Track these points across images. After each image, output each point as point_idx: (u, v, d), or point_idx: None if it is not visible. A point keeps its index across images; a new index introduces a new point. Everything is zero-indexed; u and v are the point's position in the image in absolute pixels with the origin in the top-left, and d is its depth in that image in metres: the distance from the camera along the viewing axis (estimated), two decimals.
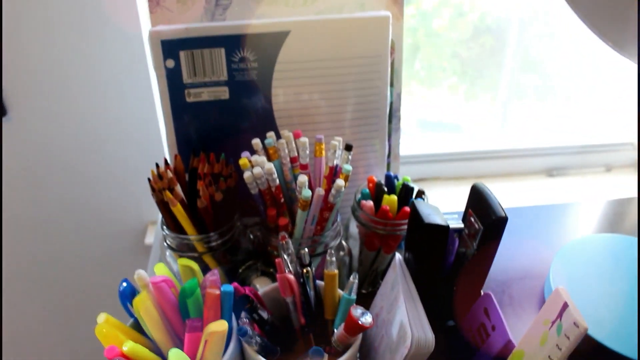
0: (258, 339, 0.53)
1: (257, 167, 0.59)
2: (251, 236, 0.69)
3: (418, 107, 1.39)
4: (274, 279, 0.66)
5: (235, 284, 0.55)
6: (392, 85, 0.75)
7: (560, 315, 0.46)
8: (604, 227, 1.00)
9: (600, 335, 0.68)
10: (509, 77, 1.31)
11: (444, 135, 1.42)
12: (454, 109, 1.40)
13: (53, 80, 1.02)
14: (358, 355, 0.61)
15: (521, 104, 1.38)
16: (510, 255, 0.85)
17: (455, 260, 0.62)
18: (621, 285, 0.81)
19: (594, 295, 0.78)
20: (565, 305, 0.46)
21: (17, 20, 0.95)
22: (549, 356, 0.47)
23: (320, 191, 0.58)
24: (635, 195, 1.08)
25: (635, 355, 0.70)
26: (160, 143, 1.11)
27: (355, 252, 0.71)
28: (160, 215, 0.64)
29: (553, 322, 0.47)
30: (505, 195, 1.28)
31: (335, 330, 0.56)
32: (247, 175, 0.59)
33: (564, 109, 1.41)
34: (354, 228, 0.70)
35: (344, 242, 0.68)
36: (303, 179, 0.58)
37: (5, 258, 1.22)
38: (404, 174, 0.73)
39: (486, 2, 1.26)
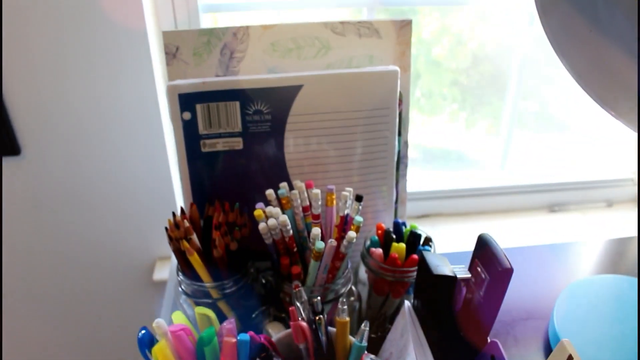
0: None
1: (271, 218, 0.61)
2: (263, 281, 0.71)
3: (419, 134, 1.43)
4: (286, 324, 0.68)
5: (251, 332, 0.57)
6: (399, 134, 0.77)
7: None
8: (605, 266, 1.02)
9: None
10: (511, 107, 1.34)
11: (447, 170, 1.44)
12: (454, 136, 1.43)
13: (67, 123, 1.05)
14: None
15: (522, 134, 1.41)
16: (513, 295, 0.87)
17: (463, 307, 0.64)
18: (623, 327, 0.83)
19: (597, 336, 0.80)
20: (570, 358, 0.48)
21: (32, 62, 0.98)
22: None
23: (333, 242, 0.61)
24: (636, 234, 1.10)
25: None
26: (169, 181, 1.14)
27: (364, 296, 0.73)
28: (171, 254, 0.66)
29: None
30: (507, 231, 1.30)
31: None
32: (262, 226, 0.61)
33: (565, 144, 1.43)
34: (363, 273, 0.72)
35: (353, 288, 0.70)
36: (317, 231, 0.61)
37: (13, 292, 1.24)
38: (408, 210, 0.75)
39: (485, 31, 1.30)
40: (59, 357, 1.37)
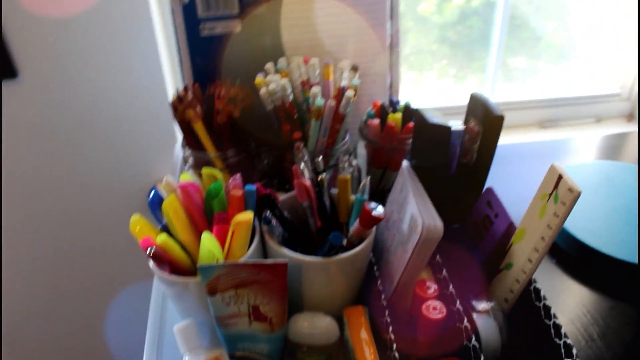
0: (280, 229, 0.58)
1: (272, 82, 0.63)
2: (265, 160, 0.74)
3: (408, 92, 1.43)
4: None
5: (258, 184, 0.59)
6: (391, 18, 0.79)
7: (556, 186, 0.51)
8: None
9: (596, 243, 0.74)
10: (494, 60, 1.35)
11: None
12: (444, 92, 1.44)
13: (62, 44, 1.06)
14: (372, 257, 0.66)
15: (510, 81, 1.42)
16: (509, 184, 0.90)
17: (457, 171, 0.67)
18: (613, 203, 0.87)
19: (590, 210, 0.84)
20: (559, 177, 0.51)
21: None
22: (547, 225, 0.52)
23: (332, 102, 0.63)
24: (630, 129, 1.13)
25: (627, 258, 0.75)
26: (166, 104, 1.14)
27: (364, 172, 0.76)
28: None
29: (550, 195, 0.52)
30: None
31: (350, 230, 0.60)
32: (262, 91, 0.64)
33: (554, 64, 1.45)
34: (361, 149, 0.75)
35: (353, 160, 0.72)
36: (316, 89, 0.63)
37: (13, 216, 1.26)
38: None
39: None
40: (61, 277, 1.39)
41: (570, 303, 0.76)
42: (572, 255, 0.82)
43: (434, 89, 1.44)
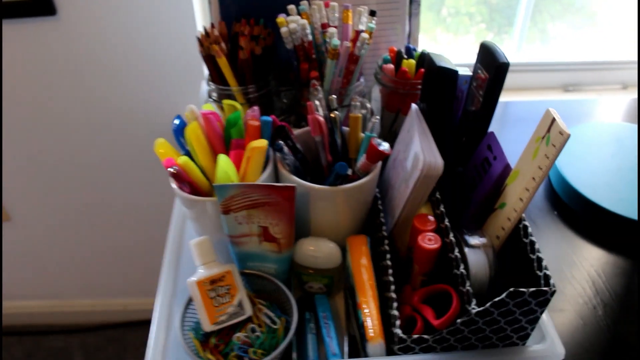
0: (292, 158, 0.63)
1: (292, 23, 0.67)
2: (284, 99, 0.78)
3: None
4: None
5: (273, 116, 0.64)
6: None
7: (549, 129, 0.54)
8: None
9: (602, 200, 0.78)
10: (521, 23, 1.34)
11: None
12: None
13: None
14: (377, 192, 0.70)
15: (538, 43, 1.40)
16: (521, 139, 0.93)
17: (462, 118, 0.70)
18: (619, 162, 0.89)
19: (594, 168, 0.87)
20: (553, 120, 0.54)
21: None
22: (538, 166, 0.55)
23: (348, 43, 0.67)
24: None
25: (629, 214, 0.79)
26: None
27: (377, 114, 0.80)
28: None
29: (543, 137, 0.55)
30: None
31: (357, 163, 0.65)
32: (283, 30, 0.68)
33: (583, 28, 1.45)
34: (376, 93, 0.78)
35: (367, 103, 0.76)
36: (333, 30, 0.67)
37: (49, 156, 1.34)
38: None
39: None
40: (93, 213, 1.48)
41: (569, 253, 0.81)
42: (575, 210, 0.85)
43: (468, 54, 1.44)
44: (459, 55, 1.41)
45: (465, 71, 0.66)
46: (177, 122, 0.66)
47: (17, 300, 1.76)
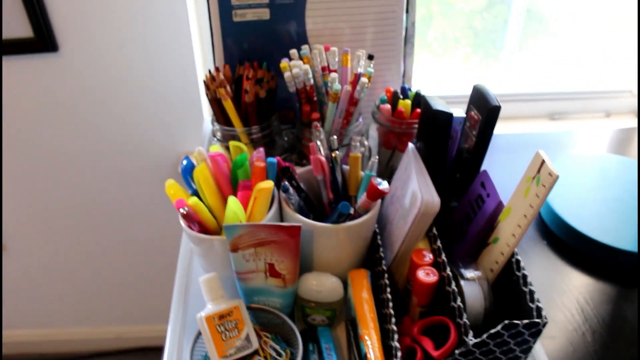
0: (297, 198, 0.66)
1: (295, 68, 0.71)
2: (286, 138, 0.82)
3: (430, 79, 1.45)
4: None
5: (278, 157, 0.67)
6: (407, 12, 0.86)
7: (539, 170, 0.58)
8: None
9: (588, 230, 0.82)
10: (514, 37, 1.40)
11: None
12: (467, 80, 1.46)
13: (102, 21, 1.13)
14: (377, 228, 0.74)
15: (524, 72, 1.45)
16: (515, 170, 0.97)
17: (457, 155, 0.74)
18: (605, 193, 0.93)
19: (583, 199, 0.91)
20: (542, 162, 0.58)
21: None
22: (530, 204, 0.59)
23: (348, 88, 0.70)
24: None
25: (615, 243, 0.83)
26: (196, 84, 1.22)
27: (374, 152, 0.83)
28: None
29: (533, 177, 0.59)
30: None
31: (358, 201, 0.68)
32: (287, 75, 0.71)
33: (566, 58, 1.50)
34: (373, 131, 0.82)
35: (365, 141, 0.80)
36: (334, 75, 0.70)
37: (45, 188, 1.36)
38: None
39: None
40: (96, 245, 1.50)
41: (558, 281, 0.84)
42: (563, 240, 0.89)
43: (453, 78, 1.48)
44: (444, 78, 1.46)
45: (459, 113, 0.70)
46: (185, 162, 0.69)
47: (11, 329, 1.77)
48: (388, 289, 0.65)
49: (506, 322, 0.54)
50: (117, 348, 1.81)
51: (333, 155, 0.70)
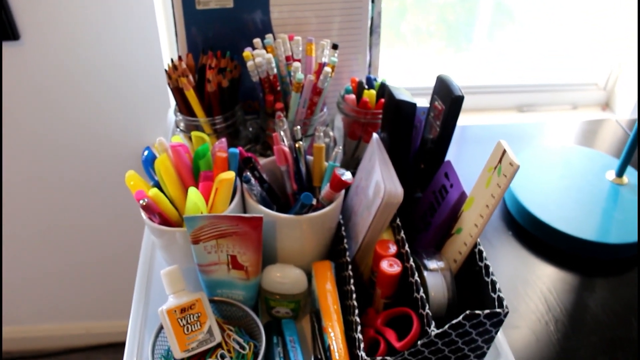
0: (259, 189, 0.65)
1: (258, 57, 0.70)
2: (250, 128, 0.81)
3: (403, 71, 1.45)
4: None
5: (240, 147, 0.66)
6: (373, 1, 0.85)
7: (500, 160, 0.58)
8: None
9: (552, 220, 0.83)
10: (483, 30, 1.40)
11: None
12: (439, 73, 1.45)
13: (64, 8, 1.10)
14: (341, 219, 0.73)
15: (493, 65, 1.46)
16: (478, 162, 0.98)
17: (421, 146, 0.74)
18: (566, 182, 0.94)
19: (544, 188, 0.91)
20: (504, 152, 0.58)
21: None
22: (491, 194, 0.59)
23: (311, 77, 0.70)
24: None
25: (577, 233, 0.83)
26: (162, 73, 1.20)
27: (340, 143, 0.83)
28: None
29: (495, 167, 0.59)
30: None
31: (321, 192, 0.67)
32: (250, 64, 0.70)
33: (535, 50, 1.52)
34: (338, 122, 0.82)
35: (330, 131, 0.79)
36: (297, 65, 0.70)
37: (13, 179, 1.32)
38: None
39: None
40: (59, 238, 1.47)
41: (523, 271, 0.85)
42: (528, 230, 0.90)
43: (426, 70, 1.48)
44: (417, 72, 1.46)
45: (422, 103, 0.70)
46: (146, 153, 0.68)
47: None
48: (352, 281, 0.64)
49: (467, 312, 0.54)
50: (88, 344, 1.78)
51: (297, 145, 0.69)
